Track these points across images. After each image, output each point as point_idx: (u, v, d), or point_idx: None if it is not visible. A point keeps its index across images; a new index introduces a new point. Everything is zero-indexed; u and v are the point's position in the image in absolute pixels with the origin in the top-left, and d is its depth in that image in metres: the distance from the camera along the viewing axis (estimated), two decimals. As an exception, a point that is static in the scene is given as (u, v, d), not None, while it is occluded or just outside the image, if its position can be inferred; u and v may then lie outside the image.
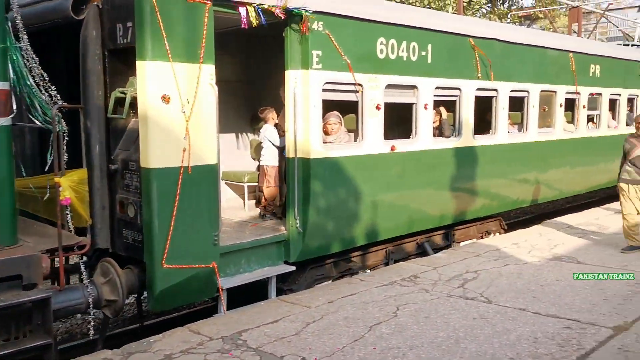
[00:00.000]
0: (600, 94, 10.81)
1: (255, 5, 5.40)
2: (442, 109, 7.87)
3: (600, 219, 9.61)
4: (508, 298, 5.58)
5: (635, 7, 25.63)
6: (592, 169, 10.83)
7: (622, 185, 7.34)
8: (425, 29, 7.14)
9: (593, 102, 10.80)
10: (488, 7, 21.13)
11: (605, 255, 7.23)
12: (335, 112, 6.49)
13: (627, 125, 11.72)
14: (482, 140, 8.22)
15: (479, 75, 7.91)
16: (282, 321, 4.98)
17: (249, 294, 5.84)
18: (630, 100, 12.19)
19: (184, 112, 5.02)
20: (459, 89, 7.76)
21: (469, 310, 5.25)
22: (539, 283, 6.07)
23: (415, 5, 15.27)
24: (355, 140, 6.63)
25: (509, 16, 20.46)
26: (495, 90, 8.29)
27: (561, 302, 5.45)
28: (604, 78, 10.82)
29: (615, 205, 11.23)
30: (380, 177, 6.74)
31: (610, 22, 23.98)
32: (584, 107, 10.29)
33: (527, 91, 8.91)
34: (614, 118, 11.62)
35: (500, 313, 5.17)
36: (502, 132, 8.48)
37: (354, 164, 6.42)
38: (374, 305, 5.36)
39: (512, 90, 8.58)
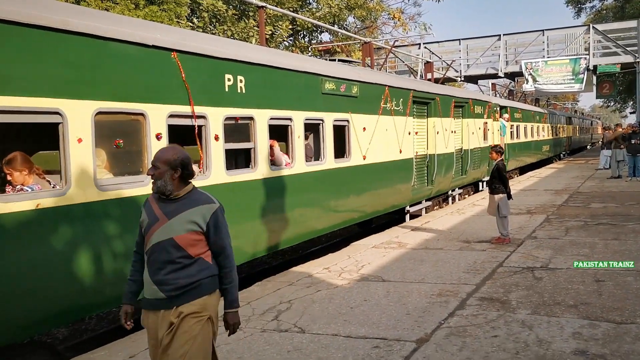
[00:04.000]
0: (251, 119, 7.39)
1: None
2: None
3: (400, 237, 10.37)
4: (321, 325, 5.59)
5: (417, 44, 29.00)
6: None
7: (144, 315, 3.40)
8: None
9: (242, 132, 7.45)
10: (290, 40, 22.11)
11: (406, 270, 7.74)
12: None
13: (309, 160, 8.93)
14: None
15: None
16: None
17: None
18: (312, 127, 9.16)
19: None
20: None
21: (283, 344, 5.12)
22: (349, 305, 6.22)
23: (219, 36, 15.29)
24: None
25: (309, 49, 21.61)
26: None
27: (370, 322, 5.62)
28: (259, 96, 7.52)
29: (411, 222, 12.31)
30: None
31: (397, 57, 26.76)
32: (216, 138, 6.71)
33: (59, 114, 4.97)
34: (287, 152, 8.41)
35: (313, 342, 5.14)
36: None
37: None
38: (183, 353, 4.95)
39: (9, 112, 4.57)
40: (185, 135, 6.47)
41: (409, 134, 12.41)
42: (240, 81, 7.20)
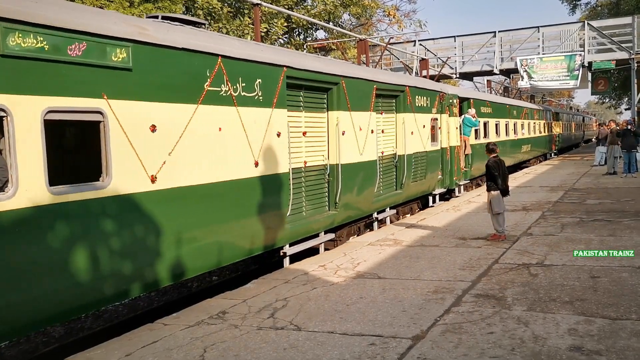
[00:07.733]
0: None
1: None
2: None
3: (395, 234, 10.37)
4: (317, 322, 5.59)
5: (412, 41, 29.00)
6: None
7: None
8: None
9: None
10: (285, 37, 22.07)
11: (402, 267, 7.74)
12: None
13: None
14: None
15: None
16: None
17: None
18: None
19: None
20: None
21: (279, 342, 5.12)
22: (345, 303, 6.22)
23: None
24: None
25: (304, 47, 21.57)
26: None
27: (365, 320, 5.62)
28: None
29: (407, 220, 12.32)
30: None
31: (392, 54, 26.75)
32: None
33: None
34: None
35: (309, 339, 5.13)
36: None
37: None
38: (179, 351, 4.94)
39: None
40: None
41: (279, 135, 8.03)
42: None
